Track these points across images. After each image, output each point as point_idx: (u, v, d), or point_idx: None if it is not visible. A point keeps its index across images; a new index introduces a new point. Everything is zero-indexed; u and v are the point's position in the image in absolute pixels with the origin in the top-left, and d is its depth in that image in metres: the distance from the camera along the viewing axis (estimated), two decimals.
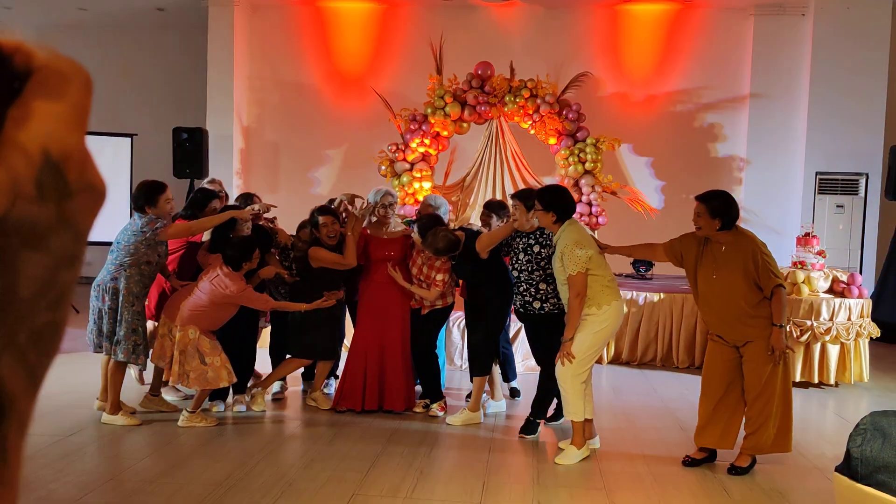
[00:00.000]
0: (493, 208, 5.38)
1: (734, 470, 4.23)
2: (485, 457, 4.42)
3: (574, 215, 4.59)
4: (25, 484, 3.75)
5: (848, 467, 1.87)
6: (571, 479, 4.14)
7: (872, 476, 1.77)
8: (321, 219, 5.12)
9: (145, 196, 4.65)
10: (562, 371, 4.37)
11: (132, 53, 10.96)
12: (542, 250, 4.75)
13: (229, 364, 4.78)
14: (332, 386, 5.66)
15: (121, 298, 4.63)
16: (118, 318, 4.63)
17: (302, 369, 5.55)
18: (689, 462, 4.38)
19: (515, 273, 4.81)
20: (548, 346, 4.63)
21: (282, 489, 3.80)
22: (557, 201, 4.45)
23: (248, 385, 5.28)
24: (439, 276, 5.02)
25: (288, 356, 5.29)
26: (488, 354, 5.07)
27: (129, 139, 9.48)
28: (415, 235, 5.08)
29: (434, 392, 5.28)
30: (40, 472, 3.93)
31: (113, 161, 9.18)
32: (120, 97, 10.81)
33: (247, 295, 4.71)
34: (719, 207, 4.16)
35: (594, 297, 4.34)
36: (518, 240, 4.80)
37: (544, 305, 4.72)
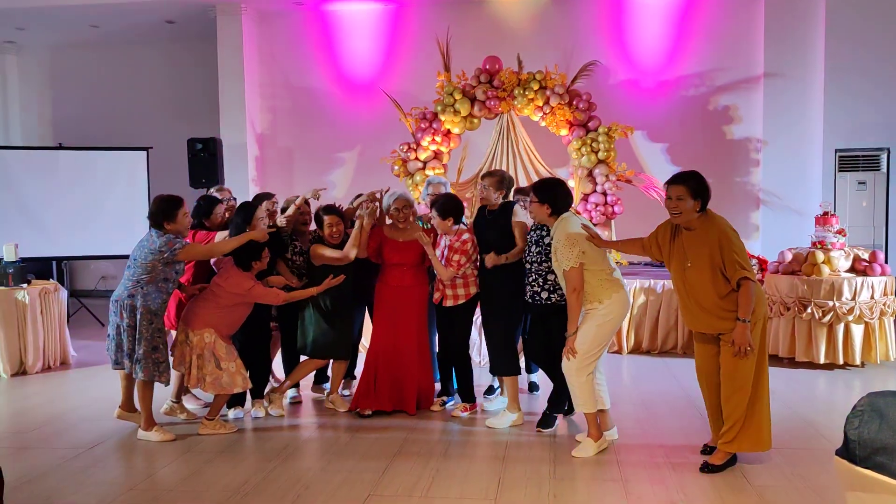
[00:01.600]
0: (523, 192, 5.61)
1: (707, 468, 4.05)
2: (501, 453, 4.40)
3: (573, 208, 4.56)
4: (47, 497, 3.82)
5: (846, 450, 1.83)
6: (588, 471, 4.10)
7: (871, 458, 1.72)
8: (326, 218, 5.14)
9: (164, 212, 4.60)
10: (567, 365, 4.34)
11: (144, 67, 11.08)
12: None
13: (244, 370, 4.82)
14: (352, 388, 5.68)
15: (138, 316, 4.62)
16: (136, 335, 4.62)
17: (314, 372, 5.57)
18: (707, 450, 4.31)
19: (527, 264, 4.78)
20: (555, 338, 4.59)
21: (298, 492, 3.82)
22: (552, 194, 4.42)
23: (266, 390, 5.31)
24: (455, 257, 4.99)
25: (303, 358, 5.31)
26: (512, 351, 4.96)
27: (144, 153, 9.58)
28: (434, 215, 5.07)
29: (465, 393, 5.26)
30: (62, 485, 4.00)
31: (130, 175, 9.29)
32: (134, 111, 10.94)
33: (256, 291, 4.74)
34: (698, 187, 3.90)
35: (594, 292, 4.29)
36: (532, 232, 4.79)
37: (551, 296, 4.69)
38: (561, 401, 4.84)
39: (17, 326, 6.71)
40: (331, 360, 5.38)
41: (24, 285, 6.82)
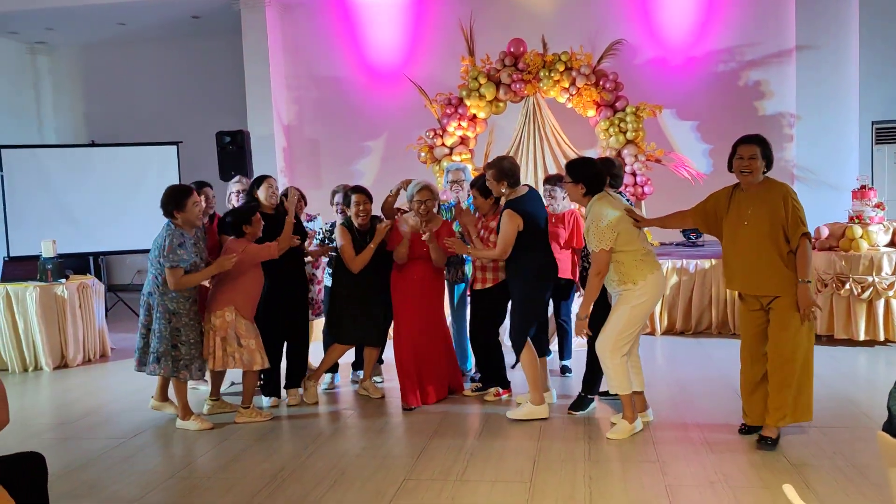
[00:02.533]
0: (553, 181, 5.61)
1: (764, 442, 4.02)
2: (535, 435, 4.39)
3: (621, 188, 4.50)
4: (90, 486, 3.90)
5: (890, 426, 1.79)
6: (624, 452, 4.08)
7: None
8: (354, 197, 5.15)
9: (174, 200, 4.67)
10: (601, 346, 4.31)
11: (171, 63, 11.18)
12: None
13: (263, 349, 4.87)
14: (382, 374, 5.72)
15: (156, 314, 4.70)
16: (156, 334, 4.70)
17: (353, 359, 5.60)
18: (744, 430, 4.25)
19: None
20: (597, 316, 4.55)
21: (334, 478, 3.85)
22: (585, 173, 4.35)
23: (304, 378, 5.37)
24: (493, 237, 4.96)
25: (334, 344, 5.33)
26: (525, 348, 4.75)
27: (174, 147, 9.69)
28: (475, 193, 5.06)
29: (497, 378, 5.23)
30: (104, 475, 4.08)
31: (161, 170, 9.39)
32: (163, 107, 11.05)
33: (250, 250, 4.80)
34: (768, 149, 4.05)
35: (628, 272, 4.24)
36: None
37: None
38: (594, 382, 4.80)
39: (57, 321, 6.85)
40: (364, 348, 5.41)
41: (63, 280, 6.95)
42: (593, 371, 4.73)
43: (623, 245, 4.23)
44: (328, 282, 5.56)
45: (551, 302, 5.91)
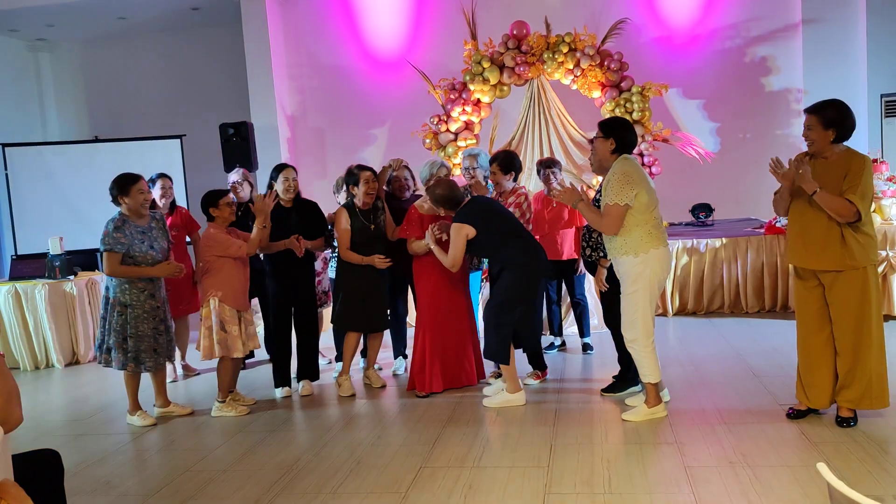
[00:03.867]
0: (548, 165, 5.65)
1: (843, 422, 3.93)
2: (551, 420, 4.36)
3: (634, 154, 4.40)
4: (106, 482, 3.89)
5: None
6: (642, 435, 4.05)
7: None
8: (363, 174, 5.06)
9: (119, 186, 4.74)
10: (630, 335, 4.23)
11: (173, 56, 11.12)
12: None
13: (248, 338, 4.88)
14: (404, 366, 5.69)
15: (108, 307, 4.75)
16: (107, 326, 4.74)
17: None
18: (793, 414, 4.14)
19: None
20: (607, 300, 4.50)
21: (350, 467, 3.84)
22: (618, 129, 4.23)
23: (334, 375, 5.40)
24: (517, 211, 4.95)
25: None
26: (501, 340, 4.66)
27: (178, 140, 9.65)
28: (494, 170, 5.07)
29: (534, 360, 5.20)
30: (119, 470, 4.07)
31: (165, 163, 9.34)
32: (166, 100, 11.00)
33: (216, 237, 4.80)
34: (833, 116, 3.78)
35: (632, 243, 4.11)
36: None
37: (593, 253, 4.65)
38: (631, 367, 4.70)
39: (67, 318, 6.85)
40: (367, 335, 5.37)
41: (72, 277, 6.94)
42: (626, 355, 4.67)
43: (639, 211, 4.09)
44: (332, 273, 5.53)
45: (563, 283, 5.90)
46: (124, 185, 4.74)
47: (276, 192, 5.14)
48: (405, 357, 5.73)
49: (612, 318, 4.64)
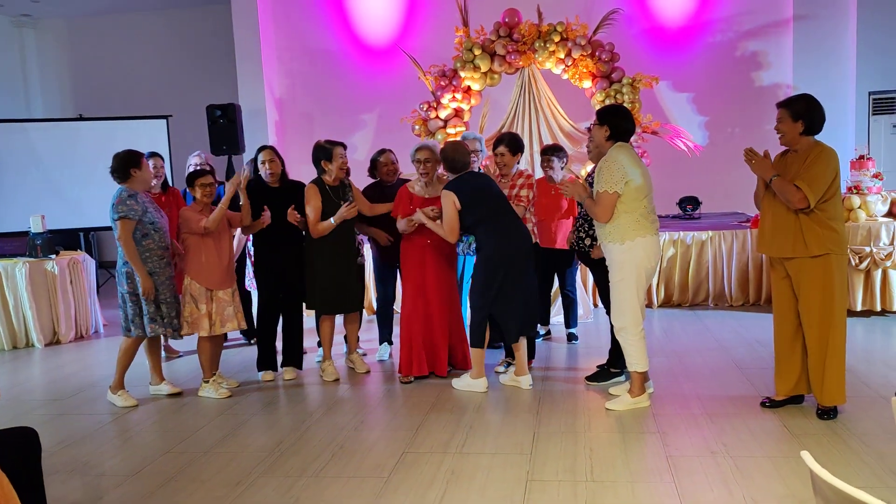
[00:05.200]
0: (551, 151, 5.63)
1: (824, 414, 3.95)
2: (535, 408, 4.37)
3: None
4: (85, 462, 3.85)
5: None
6: (625, 424, 4.05)
7: None
8: (336, 150, 5.01)
9: (132, 160, 4.71)
10: (621, 323, 4.24)
11: (161, 35, 11.00)
12: None
13: (223, 318, 4.84)
14: (389, 352, 5.69)
15: (117, 277, 4.81)
16: (130, 298, 4.77)
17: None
18: (767, 404, 4.18)
19: (579, 208, 4.81)
20: (605, 284, 4.50)
21: (333, 451, 3.82)
22: (614, 117, 4.23)
23: (318, 360, 5.38)
24: (523, 192, 4.94)
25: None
26: (478, 322, 4.69)
27: (164, 121, 9.55)
28: (502, 150, 5.03)
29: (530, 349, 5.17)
30: (99, 450, 4.03)
31: (151, 144, 9.23)
32: (152, 80, 10.88)
33: (183, 214, 4.86)
34: (801, 109, 3.89)
35: (621, 230, 4.11)
36: (588, 177, 4.82)
37: (595, 242, 4.63)
38: (620, 356, 4.70)
39: (48, 297, 6.77)
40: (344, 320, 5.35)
41: (53, 256, 6.86)
42: (617, 344, 4.67)
43: (629, 199, 4.09)
44: None
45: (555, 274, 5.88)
46: (137, 158, 4.72)
47: (250, 173, 5.08)
48: (390, 343, 5.71)
49: (607, 304, 4.64)
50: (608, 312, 4.77)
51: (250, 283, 5.97)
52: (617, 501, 3.11)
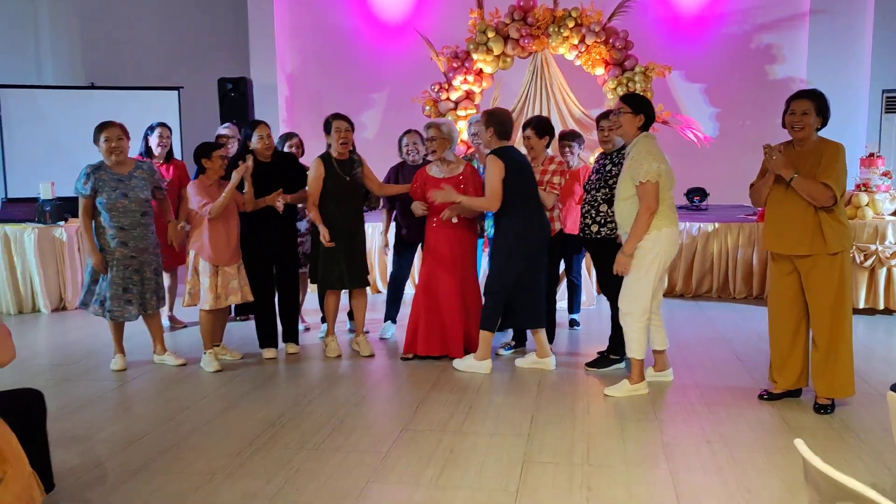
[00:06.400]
0: (571, 137, 5.58)
1: (821, 409, 3.98)
2: (534, 391, 4.40)
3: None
4: (88, 427, 3.91)
5: None
6: (623, 411, 4.08)
7: None
8: (336, 123, 5.02)
9: (94, 133, 4.80)
10: (627, 309, 4.25)
11: (173, 6, 10.95)
12: (614, 168, 4.64)
13: (227, 292, 4.87)
14: (392, 331, 5.73)
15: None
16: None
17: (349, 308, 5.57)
18: (766, 397, 4.20)
19: (585, 194, 4.79)
20: (609, 273, 4.50)
21: (333, 426, 3.86)
22: (647, 107, 4.23)
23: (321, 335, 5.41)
24: (556, 179, 4.90)
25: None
26: (493, 306, 4.69)
27: (175, 92, 9.55)
28: (529, 133, 4.91)
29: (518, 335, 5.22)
30: (102, 416, 4.08)
31: (161, 115, 9.21)
32: (164, 51, 10.85)
33: (189, 191, 4.88)
34: (823, 105, 3.87)
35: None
36: (597, 161, 4.81)
37: (601, 229, 4.63)
38: (622, 342, 4.73)
39: (56, 263, 6.82)
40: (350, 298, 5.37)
41: (62, 223, 6.90)
42: (618, 330, 4.69)
43: (661, 189, 4.11)
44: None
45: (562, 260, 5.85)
46: (96, 132, 4.78)
47: (251, 163, 4.96)
48: (394, 322, 5.74)
49: (611, 289, 4.64)
50: (609, 300, 4.81)
51: None
52: (612, 485, 3.15)
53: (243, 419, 3.99)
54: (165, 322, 5.98)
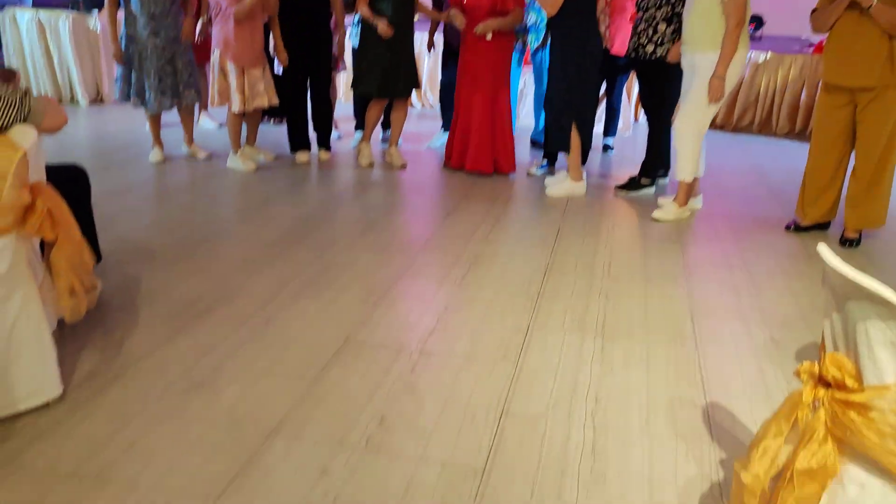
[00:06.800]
0: None
1: (847, 242, 4.02)
2: (562, 208, 4.45)
3: None
4: (130, 210, 4.06)
5: None
6: (649, 232, 4.14)
7: None
8: None
9: None
10: (682, 128, 4.16)
11: None
12: None
13: (253, 94, 4.83)
14: (442, 140, 5.72)
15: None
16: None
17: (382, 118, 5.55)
18: (792, 228, 4.22)
19: (639, 12, 4.50)
20: (659, 96, 4.38)
21: (363, 227, 3.98)
22: None
23: (354, 144, 5.41)
24: None
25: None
26: (559, 128, 4.57)
27: None
28: None
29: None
30: (142, 204, 4.24)
31: None
32: None
33: None
34: None
35: (720, 38, 3.93)
36: None
37: (657, 49, 4.44)
38: (655, 168, 4.72)
39: (91, 54, 6.78)
40: (391, 109, 5.32)
41: (96, 11, 6.77)
42: (652, 155, 4.65)
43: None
44: (355, 42, 5.31)
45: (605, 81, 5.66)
46: None
47: None
48: (446, 130, 5.71)
49: (656, 109, 4.53)
50: (650, 122, 4.71)
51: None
52: (629, 297, 3.26)
53: (271, 219, 4.11)
54: (210, 124, 6.02)
